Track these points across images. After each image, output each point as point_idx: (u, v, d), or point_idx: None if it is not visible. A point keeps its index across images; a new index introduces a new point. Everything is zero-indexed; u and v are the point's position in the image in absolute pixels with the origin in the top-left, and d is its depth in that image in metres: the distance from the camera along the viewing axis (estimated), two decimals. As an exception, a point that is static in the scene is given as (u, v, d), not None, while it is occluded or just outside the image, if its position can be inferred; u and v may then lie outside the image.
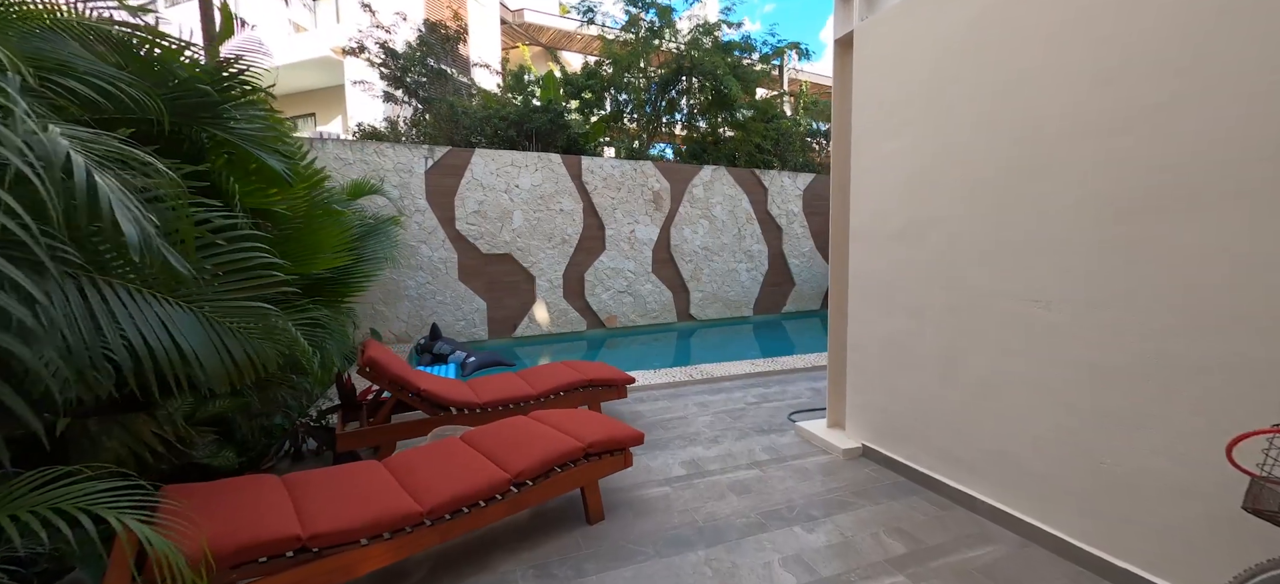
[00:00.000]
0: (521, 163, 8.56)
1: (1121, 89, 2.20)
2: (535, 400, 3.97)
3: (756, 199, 10.75)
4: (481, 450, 2.76)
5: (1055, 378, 2.49)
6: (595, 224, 9.22)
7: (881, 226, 3.44)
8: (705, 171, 10.13)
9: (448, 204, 8.16)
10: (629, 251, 9.48)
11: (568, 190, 8.91)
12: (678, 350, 8.90)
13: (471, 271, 8.41)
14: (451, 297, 8.25)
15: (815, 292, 11.59)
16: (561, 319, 9.05)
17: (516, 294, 8.75)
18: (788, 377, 5.88)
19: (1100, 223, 2.29)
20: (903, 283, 3.29)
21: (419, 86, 9.21)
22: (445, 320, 8.22)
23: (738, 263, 10.60)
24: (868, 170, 3.54)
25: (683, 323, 10.18)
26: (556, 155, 8.84)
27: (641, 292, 9.67)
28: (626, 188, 9.37)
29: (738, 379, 5.77)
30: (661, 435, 4.15)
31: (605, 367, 4.52)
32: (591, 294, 9.25)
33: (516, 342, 8.75)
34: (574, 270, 9.11)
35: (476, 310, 8.44)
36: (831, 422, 4.06)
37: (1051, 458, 2.53)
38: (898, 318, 3.33)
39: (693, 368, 6.05)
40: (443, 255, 8.16)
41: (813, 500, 3.11)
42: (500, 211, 8.45)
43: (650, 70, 11.35)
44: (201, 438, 2.97)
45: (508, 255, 8.61)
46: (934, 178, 3.05)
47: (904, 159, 3.23)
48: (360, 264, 3.67)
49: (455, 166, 8.19)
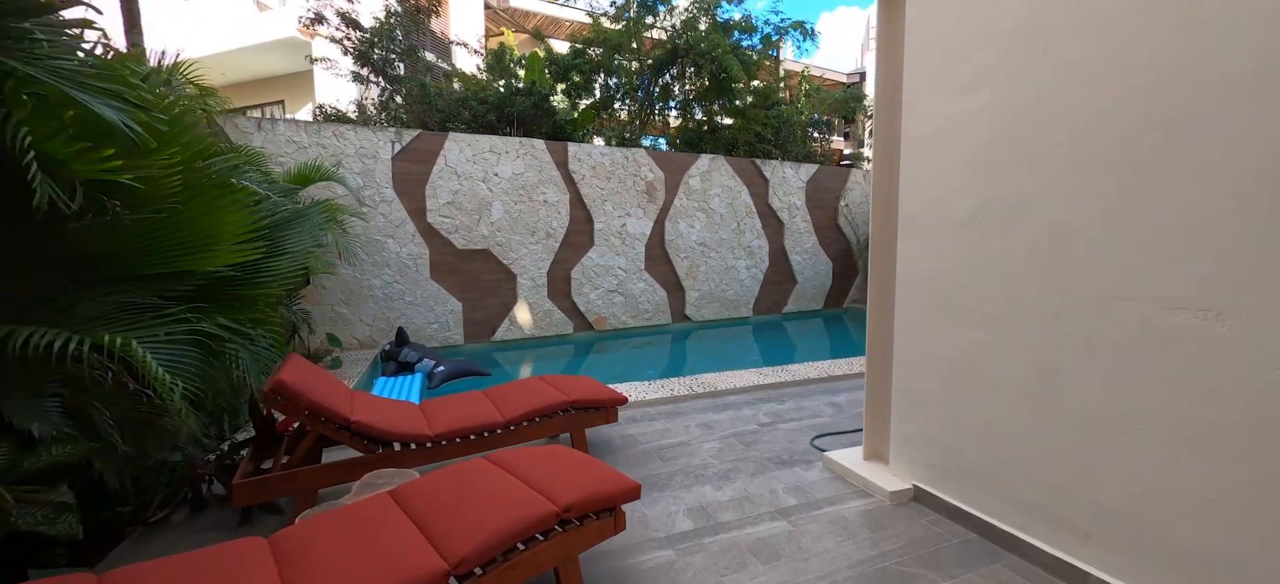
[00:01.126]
0: (501, 149, 7.74)
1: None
2: (504, 430, 3.19)
3: (757, 191, 10.01)
4: (416, 517, 1.97)
5: (1226, 416, 1.75)
6: (583, 217, 8.43)
7: (943, 212, 2.69)
8: (702, 161, 9.37)
9: (418, 194, 7.32)
10: (619, 247, 8.70)
11: (553, 180, 8.10)
12: (673, 356, 8.15)
13: (445, 269, 7.58)
14: (422, 297, 7.42)
15: (818, 290, 10.89)
16: (545, 321, 8.25)
17: (496, 294, 7.94)
18: (801, 390, 5.14)
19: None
20: (975, 284, 2.55)
21: (387, 64, 8.34)
22: (415, 324, 7.39)
23: (737, 259, 9.86)
24: (923, 141, 2.79)
25: (678, 324, 9.42)
26: (540, 141, 8.03)
27: (633, 291, 8.89)
28: (617, 178, 8.58)
29: (745, 392, 5.02)
30: (660, 470, 3.39)
31: (591, 383, 3.75)
32: (579, 293, 8.46)
33: (496, 346, 7.94)
34: (559, 268, 8.32)
35: (451, 312, 7.61)
36: (869, 452, 3.32)
37: (1217, 529, 1.80)
38: (967, 328, 2.59)
39: (693, 379, 5.29)
40: (412, 251, 7.32)
41: (865, 573, 2.35)
42: (477, 203, 7.63)
43: (643, 54, 10.57)
44: (40, 497, 2.16)
45: (486, 251, 7.79)
46: (1025, 144, 2.30)
47: (979, 122, 2.48)
48: (277, 259, 2.85)
49: (426, 152, 7.35)
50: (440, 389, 5.69)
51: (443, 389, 5.71)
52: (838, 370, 5.60)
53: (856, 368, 5.65)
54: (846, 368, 5.67)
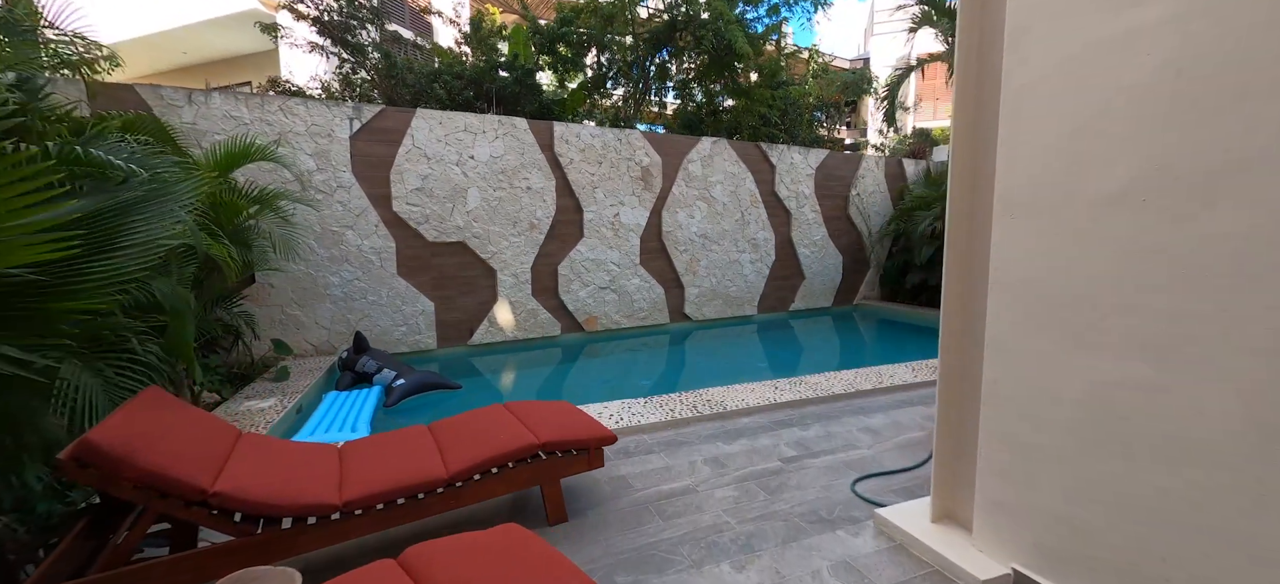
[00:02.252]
0: (478, 129, 6.84)
1: None
2: (448, 488, 2.34)
3: (762, 178, 9.15)
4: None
5: None
6: (571, 206, 7.55)
7: (1073, 186, 1.85)
8: (703, 144, 8.50)
9: (381, 179, 6.42)
10: (612, 239, 7.83)
11: (537, 164, 7.21)
12: (671, 361, 7.31)
13: (415, 265, 6.70)
14: (388, 296, 6.54)
15: (827, 286, 10.07)
16: (530, 322, 7.39)
17: (473, 292, 7.06)
18: (827, 409, 4.31)
19: None
20: (1131, 292, 1.71)
21: (346, 30, 7.39)
22: (381, 326, 6.52)
23: (740, 253, 9.01)
24: (1040, 85, 1.94)
25: (676, 324, 8.58)
26: (522, 120, 7.13)
27: (627, 287, 8.04)
28: (609, 162, 7.70)
29: (760, 413, 4.19)
30: (660, 534, 2.55)
31: (570, 415, 2.89)
32: (567, 291, 7.59)
33: (475, 351, 7.08)
34: (545, 262, 7.45)
35: (421, 313, 6.73)
36: (940, 512, 2.49)
37: None
38: (1115, 358, 1.75)
39: (696, 395, 4.45)
40: (376, 244, 6.43)
41: None
42: (451, 189, 6.73)
43: (637, 27, 9.65)
44: None
45: (461, 244, 6.91)
46: (1250, 70, 1.45)
47: (1158, 41, 1.63)
48: (111, 256, 1.97)
49: (391, 131, 6.44)
50: (399, 407, 4.83)
51: (402, 407, 4.84)
52: (865, 383, 4.77)
53: (887, 380, 4.83)
54: (876, 380, 4.85)
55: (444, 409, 4.77)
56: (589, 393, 5.39)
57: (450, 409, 4.34)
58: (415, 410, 4.83)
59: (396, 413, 4.76)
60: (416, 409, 4.85)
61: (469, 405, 3.36)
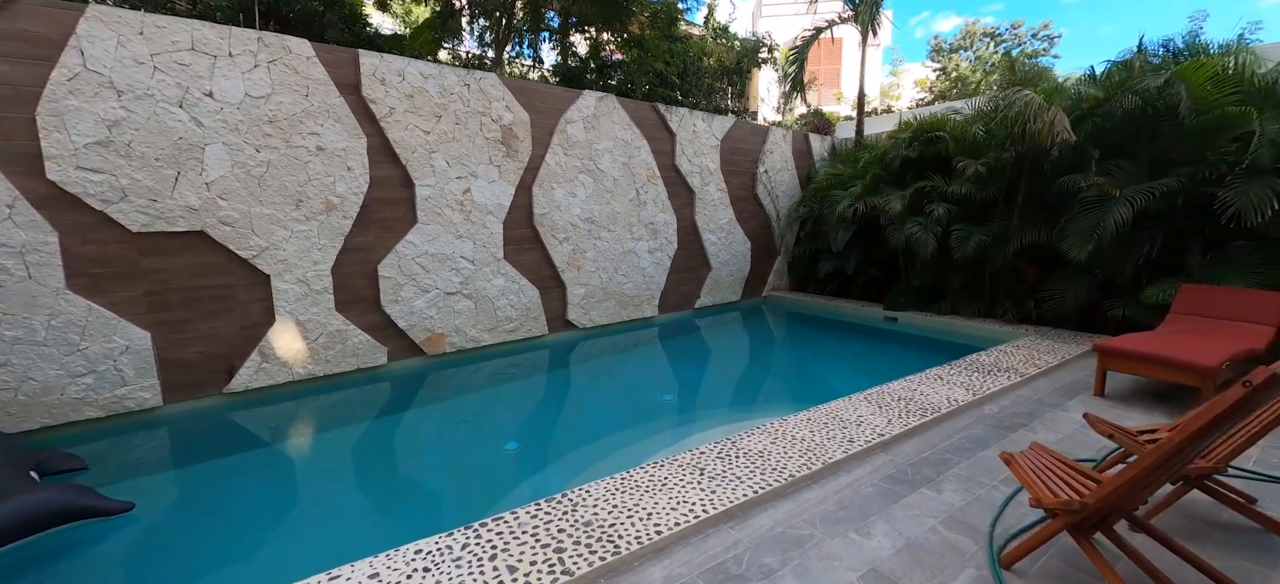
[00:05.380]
0: (220, 48, 4.25)
1: None
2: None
3: (660, 149, 7.43)
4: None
5: None
6: (396, 176, 5.21)
7: None
8: (586, 100, 6.53)
9: (15, 122, 3.64)
10: (462, 225, 5.62)
11: (332, 111, 4.77)
12: (550, 391, 5.32)
13: (105, 271, 4.00)
14: (50, 327, 3.79)
15: (735, 277, 8.69)
16: (334, 349, 4.97)
17: (228, 310, 4.50)
18: (796, 508, 2.65)
19: None
20: None
21: None
22: (47, 376, 3.77)
23: (636, 240, 7.24)
24: None
25: (557, 335, 6.61)
26: (303, 42, 4.62)
27: (487, 291, 5.89)
28: (453, 116, 5.45)
29: (685, 544, 2.41)
30: None
31: None
32: (395, 300, 5.27)
33: (232, 402, 4.52)
34: (356, 260, 5.05)
35: (123, 351, 4.06)
36: None
37: None
38: None
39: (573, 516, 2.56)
40: (20, 238, 3.66)
41: None
42: (171, 146, 4.10)
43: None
44: None
45: (199, 234, 4.31)
46: None
47: None
48: None
49: (37, 39, 3.67)
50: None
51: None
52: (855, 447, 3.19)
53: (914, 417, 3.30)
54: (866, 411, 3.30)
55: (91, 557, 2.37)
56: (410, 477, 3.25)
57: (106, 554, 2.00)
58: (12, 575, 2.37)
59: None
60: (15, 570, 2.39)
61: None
